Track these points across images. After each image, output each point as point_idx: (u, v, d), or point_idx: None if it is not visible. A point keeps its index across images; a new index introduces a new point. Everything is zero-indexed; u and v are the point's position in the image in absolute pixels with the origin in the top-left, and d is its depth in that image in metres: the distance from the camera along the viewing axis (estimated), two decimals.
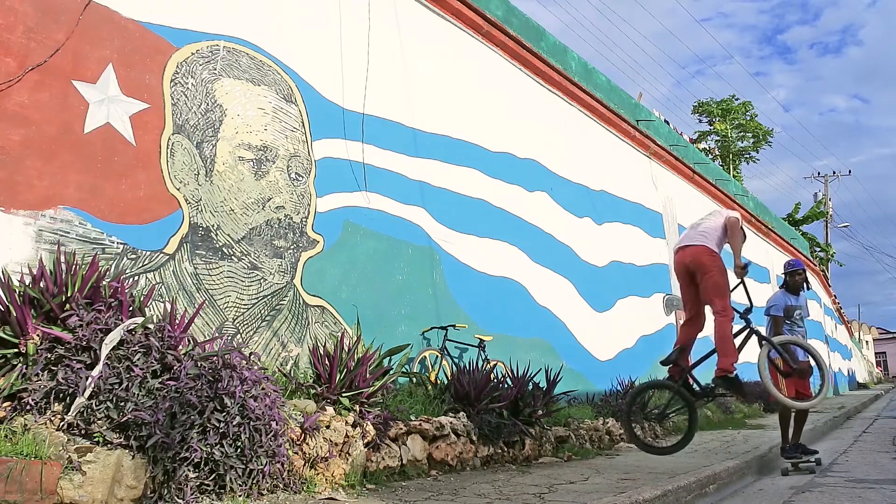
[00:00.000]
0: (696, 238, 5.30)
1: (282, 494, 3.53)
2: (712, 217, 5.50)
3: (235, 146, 5.39)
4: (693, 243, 5.27)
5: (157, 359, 3.47)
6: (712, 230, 5.31)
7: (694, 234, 5.36)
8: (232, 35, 5.51)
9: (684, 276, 5.33)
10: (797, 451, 6.03)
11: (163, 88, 4.97)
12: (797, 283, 6.32)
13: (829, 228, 38.48)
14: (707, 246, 5.21)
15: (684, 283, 5.37)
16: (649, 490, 4.01)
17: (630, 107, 12.18)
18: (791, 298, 6.29)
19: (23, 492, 2.70)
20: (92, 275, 3.71)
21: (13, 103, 4.16)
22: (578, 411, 7.30)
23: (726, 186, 16.64)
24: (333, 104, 6.32)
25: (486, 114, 8.33)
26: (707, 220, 5.49)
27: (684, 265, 5.28)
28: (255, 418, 3.43)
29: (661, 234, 12.66)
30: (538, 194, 9.03)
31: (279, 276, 5.52)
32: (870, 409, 17.76)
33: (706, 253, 5.18)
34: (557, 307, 8.92)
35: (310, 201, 5.90)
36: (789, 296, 6.30)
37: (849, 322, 38.46)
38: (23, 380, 3.22)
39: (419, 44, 7.46)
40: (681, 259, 5.32)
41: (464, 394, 5.49)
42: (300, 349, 5.53)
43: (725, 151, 30.85)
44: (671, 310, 12.33)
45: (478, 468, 5.19)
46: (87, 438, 3.12)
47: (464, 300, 7.35)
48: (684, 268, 5.29)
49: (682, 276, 5.37)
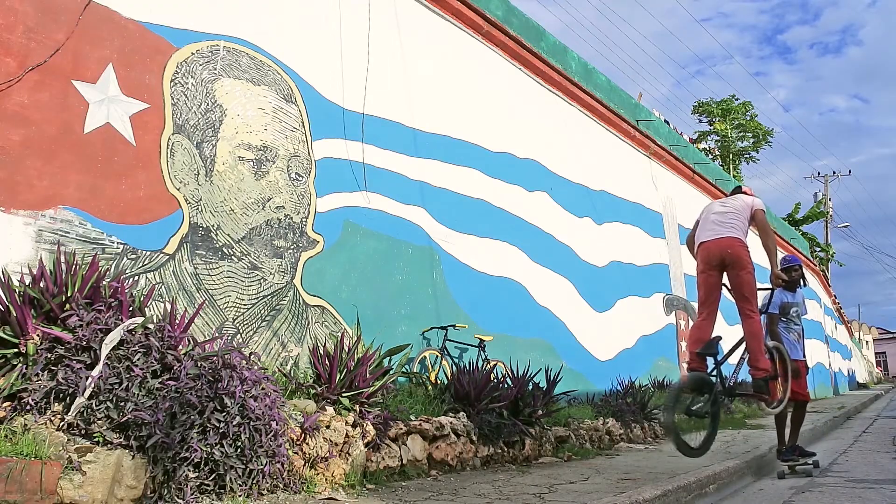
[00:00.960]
0: (729, 229, 4.99)
1: (282, 494, 3.53)
2: (736, 205, 5.15)
3: (235, 146, 5.39)
4: (731, 234, 4.96)
5: (157, 359, 3.47)
6: (741, 221, 5.02)
7: (725, 224, 5.02)
8: (232, 35, 5.51)
9: (715, 267, 4.97)
10: (794, 452, 5.86)
11: (163, 88, 4.97)
12: (793, 279, 6.17)
13: (829, 228, 38.51)
14: (743, 240, 4.95)
15: (711, 275, 4.98)
16: (649, 490, 4.01)
17: (630, 107, 12.18)
18: (787, 295, 6.14)
19: (23, 492, 2.70)
20: (92, 275, 3.71)
21: (13, 103, 4.16)
22: (578, 411, 7.30)
23: (726, 186, 16.62)
24: (333, 104, 6.32)
25: (486, 114, 8.33)
26: (732, 207, 5.12)
27: (720, 256, 4.93)
28: (255, 418, 3.43)
29: (661, 234, 12.66)
30: (538, 194, 9.03)
31: (279, 276, 5.52)
32: (870, 409, 17.76)
33: (744, 248, 4.92)
34: (557, 307, 8.92)
35: (310, 201, 5.90)
36: (785, 293, 6.13)
37: (849, 322, 38.47)
38: (23, 380, 3.21)
39: (419, 44, 7.46)
40: (718, 248, 4.95)
41: (464, 394, 5.49)
42: (300, 349, 5.53)
43: (725, 151, 30.85)
44: (671, 310, 12.33)
45: (478, 468, 5.18)
46: (87, 438, 3.12)
47: (464, 300, 7.35)
48: (720, 259, 4.94)
49: (711, 267, 4.99)
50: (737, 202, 5.19)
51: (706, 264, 5.01)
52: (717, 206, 5.28)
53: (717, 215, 5.13)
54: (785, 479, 5.52)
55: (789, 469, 5.75)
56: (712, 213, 5.18)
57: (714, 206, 5.28)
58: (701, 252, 5.08)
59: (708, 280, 5.02)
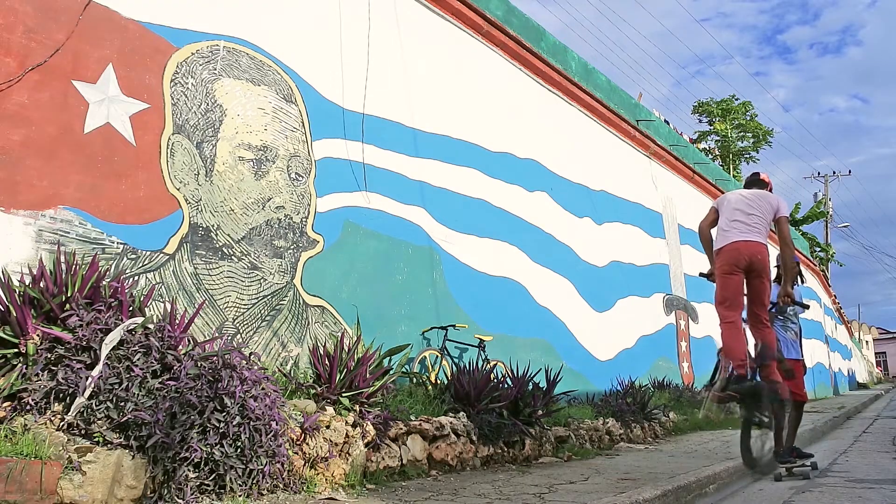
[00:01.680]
0: (757, 234, 4.85)
1: (282, 494, 3.53)
2: (763, 206, 4.95)
3: (235, 146, 5.39)
4: (760, 241, 4.83)
5: (157, 359, 3.47)
6: (765, 226, 4.88)
7: (753, 227, 4.87)
8: (232, 35, 5.51)
9: (741, 270, 4.81)
10: (791, 454, 5.68)
11: (163, 88, 4.97)
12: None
13: (829, 228, 38.52)
14: (767, 245, 4.84)
15: (738, 275, 4.80)
16: (649, 490, 4.01)
17: (630, 107, 12.18)
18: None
19: (23, 492, 2.70)
20: (92, 275, 3.71)
21: (13, 103, 4.16)
22: (578, 411, 7.30)
23: (726, 186, 16.62)
24: (333, 104, 6.32)
25: (486, 114, 8.33)
26: (758, 209, 4.92)
27: (749, 260, 4.79)
28: (255, 418, 3.43)
29: (661, 234, 12.66)
30: (538, 194, 9.03)
31: (279, 276, 5.52)
32: (870, 409, 17.76)
33: (768, 255, 4.82)
34: (557, 307, 8.93)
35: (310, 201, 5.90)
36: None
37: (849, 322, 38.49)
38: (23, 380, 3.22)
39: (419, 44, 7.47)
40: (749, 252, 4.80)
41: (464, 394, 5.49)
42: (300, 349, 5.53)
43: (725, 151, 30.85)
44: (671, 310, 12.34)
45: (478, 468, 5.18)
46: (87, 438, 3.12)
47: (464, 300, 7.35)
48: (748, 263, 4.79)
49: (737, 269, 4.81)
50: (763, 203, 5.01)
51: (733, 265, 4.82)
52: (741, 201, 5.03)
53: (744, 215, 4.92)
54: (781, 481, 5.38)
55: (787, 471, 5.63)
56: (737, 209, 4.96)
57: (738, 201, 5.03)
58: (730, 252, 4.86)
59: (734, 280, 4.83)
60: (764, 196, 5.13)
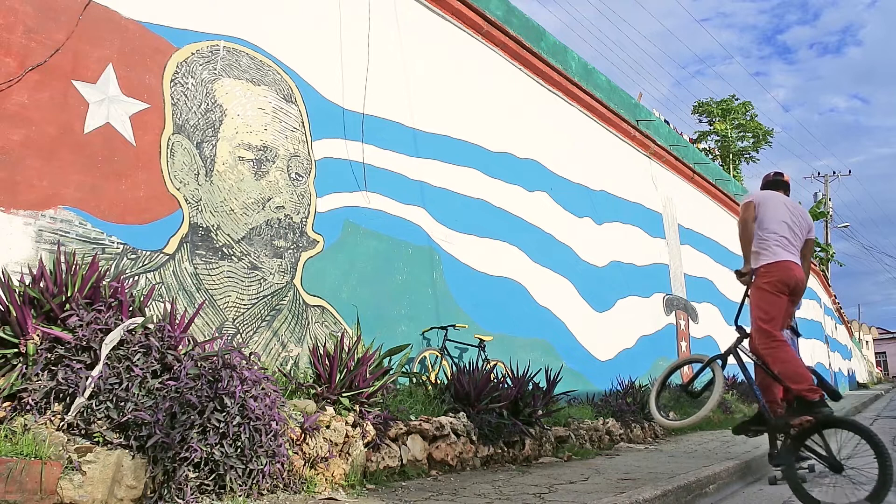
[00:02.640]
0: (799, 252, 4.73)
1: (282, 494, 3.53)
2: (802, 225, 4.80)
3: (235, 146, 5.39)
4: (800, 262, 4.71)
5: (157, 359, 3.47)
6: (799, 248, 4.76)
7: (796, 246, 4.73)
8: (232, 35, 5.51)
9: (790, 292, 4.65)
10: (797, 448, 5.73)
11: (163, 88, 4.97)
12: None
13: (829, 228, 38.53)
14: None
15: (786, 297, 4.63)
16: (649, 490, 4.01)
17: (630, 107, 12.18)
18: None
19: (23, 492, 2.70)
20: (92, 275, 3.71)
21: (13, 103, 4.16)
22: (578, 411, 7.30)
23: (726, 186, 16.64)
24: (333, 104, 6.32)
25: (486, 114, 8.33)
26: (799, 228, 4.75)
27: (796, 284, 4.63)
28: (255, 418, 3.43)
29: (661, 234, 12.66)
30: (538, 194, 9.03)
31: (279, 276, 5.52)
32: (870, 409, 17.75)
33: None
34: (557, 307, 8.93)
35: (310, 201, 5.90)
36: None
37: (849, 322, 38.50)
38: (23, 380, 3.22)
39: (419, 44, 7.47)
40: (799, 276, 4.66)
41: (464, 394, 5.49)
42: (300, 349, 5.53)
43: (725, 151, 30.84)
44: (671, 310, 12.34)
45: (478, 468, 5.19)
46: (87, 438, 3.12)
47: (464, 300, 7.36)
48: (795, 285, 4.64)
49: (788, 289, 4.64)
50: (803, 221, 4.85)
51: (786, 286, 4.58)
52: (787, 213, 4.80)
53: (790, 231, 4.72)
54: (777, 484, 5.28)
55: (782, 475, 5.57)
56: (784, 223, 4.74)
57: (784, 212, 4.78)
58: (784, 271, 4.61)
59: (784, 301, 4.62)
60: (804, 214, 4.99)
